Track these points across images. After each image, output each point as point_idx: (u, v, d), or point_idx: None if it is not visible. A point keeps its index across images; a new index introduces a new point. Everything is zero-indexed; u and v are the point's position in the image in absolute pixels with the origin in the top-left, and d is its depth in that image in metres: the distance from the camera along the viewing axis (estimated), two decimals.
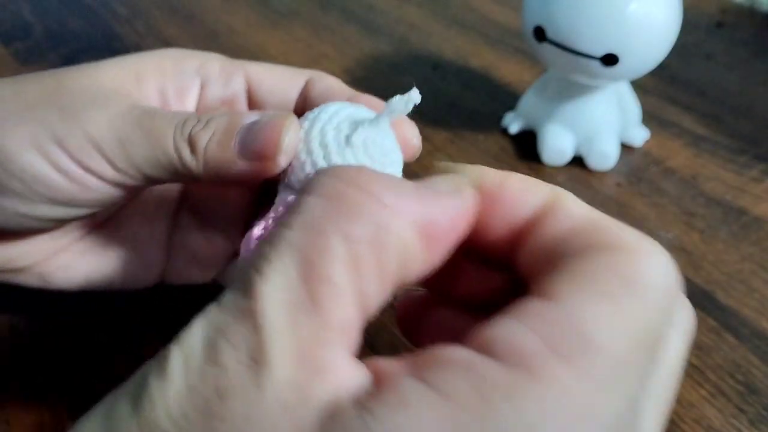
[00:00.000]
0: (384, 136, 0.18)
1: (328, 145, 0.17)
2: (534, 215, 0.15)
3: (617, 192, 0.34)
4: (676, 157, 0.37)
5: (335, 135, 0.17)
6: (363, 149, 0.17)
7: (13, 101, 0.20)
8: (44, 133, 0.19)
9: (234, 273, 0.22)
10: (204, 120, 0.19)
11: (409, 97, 0.17)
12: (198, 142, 0.19)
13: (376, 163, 0.17)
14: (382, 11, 0.55)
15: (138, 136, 0.19)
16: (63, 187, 0.20)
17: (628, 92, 0.37)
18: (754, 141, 0.39)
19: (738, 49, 0.50)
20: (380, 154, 0.18)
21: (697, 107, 0.42)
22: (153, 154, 0.19)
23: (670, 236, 0.31)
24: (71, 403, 0.24)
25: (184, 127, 0.19)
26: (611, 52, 0.30)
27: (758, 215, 0.33)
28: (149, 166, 0.20)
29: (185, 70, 0.23)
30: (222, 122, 0.19)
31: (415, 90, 0.17)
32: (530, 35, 0.33)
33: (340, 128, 0.17)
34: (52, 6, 0.54)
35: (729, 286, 0.29)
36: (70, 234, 0.23)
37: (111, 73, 0.21)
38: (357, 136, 0.17)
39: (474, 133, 0.39)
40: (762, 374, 0.25)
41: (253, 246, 0.17)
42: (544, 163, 0.36)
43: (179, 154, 0.19)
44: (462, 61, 0.47)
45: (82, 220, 0.22)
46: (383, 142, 0.18)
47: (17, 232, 0.22)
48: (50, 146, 0.19)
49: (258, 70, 0.23)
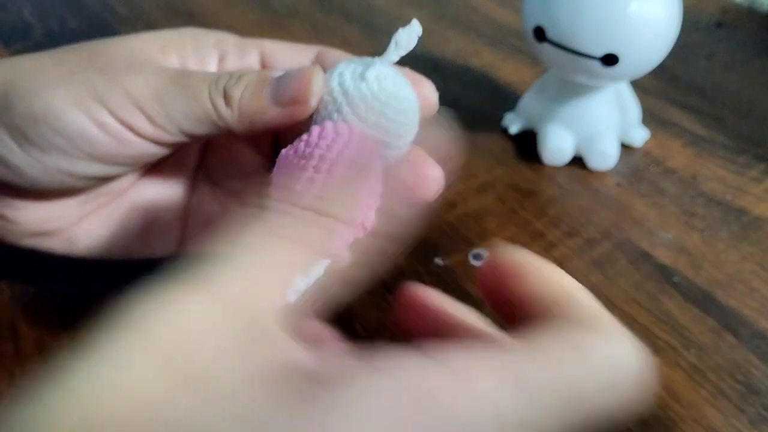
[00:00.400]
0: (395, 72, 0.19)
1: (345, 83, 0.19)
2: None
3: (617, 192, 0.35)
4: (676, 157, 0.37)
5: (351, 74, 0.19)
6: (377, 82, 0.19)
7: (54, 68, 0.22)
8: (86, 92, 0.21)
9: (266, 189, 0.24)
10: (236, 76, 0.21)
11: (412, 29, 0.19)
12: (233, 95, 0.21)
13: (390, 96, 0.19)
14: (382, 11, 0.55)
15: (175, 93, 0.21)
16: (104, 143, 0.21)
17: (628, 92, 0.37)
18: (754, 141, 0.39)
19: (738, 50, 0.50)
20: (392, 87, 0.19)
21: (697, 107, 0.42)
22: (190, 108, 0.21)
23: (670, 236, 0.32)
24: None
25: (218, 82, 0.21)
26: (611, 53, 0.30)
27: (758, 215, 0.33)
28: (186, 121, 0.21)
29: (204, 44, 0.24)
30: (253, 77, 0.21)
31: (415, 22, 0.19)
32: (530, 35, 0.33)
33: (355, 70, 0.19)
34: (52, 7, 0.54)
35: (729, 286, 0.29)
36: (97, 200, 0.24)
37: (139, 44, 0.23)
38: (370, 72, 0.19)
39: (474, 133, 0.39)
40: (762, 374, 0.25)
41: (283, 163, 0.18)
42: (545, 162, 0.36)
43: (215, 107, 0.21)
44: (462, 61, 0.47)
45: (108, 186, 0.24)
46: (395, 77, 0.19)
47: (53, 193, 0.23)
48: (93, 104, 0.21)
49: (271, 46, 0.25)
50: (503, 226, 0.32)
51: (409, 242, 0.23)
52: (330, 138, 0.18)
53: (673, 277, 0.29)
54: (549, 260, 0.31)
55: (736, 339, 0.26)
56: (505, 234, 0.31)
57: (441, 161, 0.22)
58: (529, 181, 0.35)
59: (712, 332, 0.27)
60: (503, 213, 0.33)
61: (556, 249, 0.31)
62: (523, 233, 0.32)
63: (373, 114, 0.19)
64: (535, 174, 0.36)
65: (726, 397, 0.24)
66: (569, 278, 0.17)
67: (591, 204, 0.34)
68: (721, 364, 0.25)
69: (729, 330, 0.27)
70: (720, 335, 0.27)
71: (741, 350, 0.26)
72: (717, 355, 0.26)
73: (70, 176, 0.22)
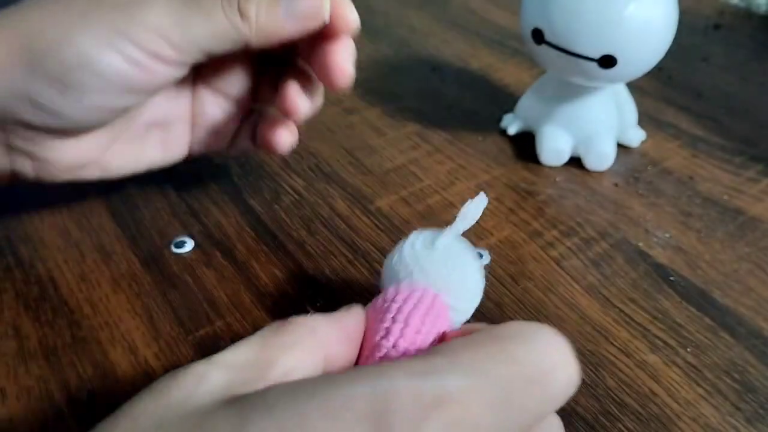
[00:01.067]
0: (462, 243, 0.22)
1: (416, 250, 0.22)
2: None
3: (614, 192, 0.35)
4: (673, 157, 0.38)
5: (422, 243, 0.22)
6: (444, 251, 0.22)
7: (68, 14, 0.23)
8: (113, 32, 0.22)
9: None
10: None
11: (479, 202, 0.22)
12: (248, 12, 0.23)
13: (455, 264, 0.21)
14: (383, 14, 0.55)
15: (192, 16, 0.23)
16: (137, 76, 0.23)
17: (625, 93, 0.37)
18: (750, 142, 0.39)
19: (735, 51, 0.50)
20: (458, 257, 0.22)
21: (694, 108, 0.43)
22: (208, 28, 0.23)
23: (667, 236, 0.32)
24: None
25: (232, 1, 0.23)
26: (609, 54, 0.31)
27: (755, 215, 0.33)
28: (207, 40, 0.23)
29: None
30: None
31: (482, 195, 0.22)
32: (528, 37, 0.33)
33: (426, 238, 0.22)
34: None
35: (726, 286, 0.29)
36: (121, 125, 0.27)
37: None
38: (439, 241, 0.22)
39: (473, 134, 0.39)
40: (758, 373, 0.25)
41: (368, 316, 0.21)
42: (543, 163, 0.37)
43: (232, 23, 0.23)
44: (461, 63, 0.48)
45: (130, 111, 0.26)
46: (461, 248, 0.22)
47: (88, 128, 0.25)
48: (121, 42, 0.22)
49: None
50: (501, 226, 0.32)
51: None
52: (403, 296, 0.20)
53: (670, 277, 0.29)
54: (547, 259, 0.31)
55: (733, 338, 0.27)
56: (503, 234, 0.32)
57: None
58: (527, 182, 0.35)
59: (708, 331, 0.27)
60: (502, 213, 0.33)
61: (554, 248, 0.31)
62: (521, 233, 0.32)
63: (441, 279, 0.21)
64: (534, 174, 0.36)
65: (723, 395, 0.24)
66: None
67: (588, 204, 0.34)
68: (717, 362, 0.26)
69: (726, 329, 0.27)
70: (717, 334, 0.27)
71: (738, 349, 0.26)
72: (714, 353, 0.26)
73: (109, 112, 0.24)
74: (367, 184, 0.35)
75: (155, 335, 0.26)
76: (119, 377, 0.25)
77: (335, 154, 0.37)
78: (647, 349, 0.26)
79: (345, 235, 0.32)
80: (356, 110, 0.41)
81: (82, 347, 0.26)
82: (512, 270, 0.30)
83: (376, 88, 0.44)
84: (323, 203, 0.34)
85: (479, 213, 0.22)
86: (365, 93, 0.43)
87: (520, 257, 0.30)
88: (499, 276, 0.29)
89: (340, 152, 0.37)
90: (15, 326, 0.27)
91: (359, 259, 0.30)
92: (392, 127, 0.40)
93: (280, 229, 0.32)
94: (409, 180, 0.35)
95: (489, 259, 0.30)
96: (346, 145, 0.38)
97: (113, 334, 0.26)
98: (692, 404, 0.24)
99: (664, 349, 0.26)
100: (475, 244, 0.31)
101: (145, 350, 0.26)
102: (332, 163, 0.37)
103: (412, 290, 0.21)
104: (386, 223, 0.32)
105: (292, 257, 0.30)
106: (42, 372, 0.25)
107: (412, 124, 0.40)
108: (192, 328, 0.27)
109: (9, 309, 0.27)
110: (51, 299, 0.28)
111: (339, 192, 0.34)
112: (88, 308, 0.27)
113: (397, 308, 0.20)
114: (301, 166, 0.36)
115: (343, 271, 0.29)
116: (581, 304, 0.28)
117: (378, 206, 0.33)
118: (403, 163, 0.37)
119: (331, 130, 0.39)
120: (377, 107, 0.42)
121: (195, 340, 0.26)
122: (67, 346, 0.26)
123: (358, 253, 0.30)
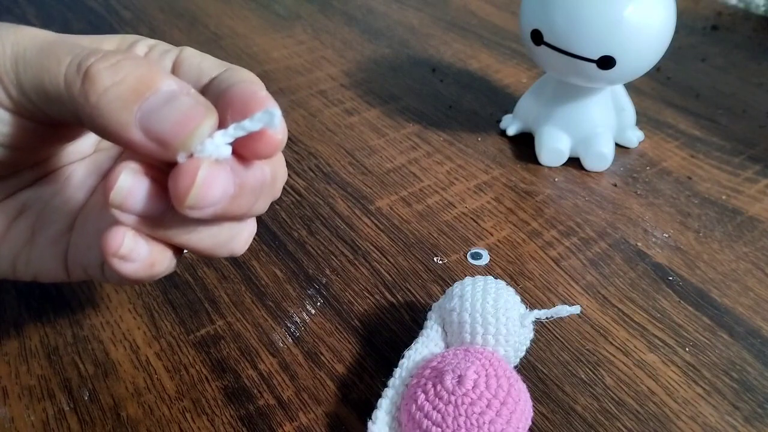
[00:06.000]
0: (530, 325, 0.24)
1: (499, 325, 0.23)
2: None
3: (613, 192, 0.35)
4: (672, 158, 0.38)
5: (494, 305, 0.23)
6: (529, 329, 0.24)
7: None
8: None
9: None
10: (115, 58, 0.16)
11: (573, 309, 0.23)
12: (97, 81, 0.16)
13: (509, 321, 0.23)
14: (382, 15, 0.55)
15: (32, 57, 0.17)
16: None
17: (623, 94, 0.38)
18: (748, 142, 0.39)
19: (733, 52, 0.50)
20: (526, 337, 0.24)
21: (693, 109, 0.43)
22: (40, 77, 0.17)
23: (665, 236, 0.32)
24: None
25: (86, 59, 0.17)
26: (607, 55, 0.31)
27: (752, 215, 0.33)
28: (35, 92, 0.17)
29: (133, 42, 0.21)
30: (136, 75, 0.16)
31: (577, 307, 0.23)
32: (527, 38, 0.33)
33: (508, 310, 0.23)
34: (56, 10, 0.55)
35: (724, 285, 0.29)
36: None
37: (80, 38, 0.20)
38: (525, 320, 0.23)
39: (472, 135, 0.39)
40: (756, 372, 0.25)
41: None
42: (542, 163, 0.37)
43: (67, 82, 0.17)
44: (460, 63, 0.48)
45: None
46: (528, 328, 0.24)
47: None
48: None
49: (190, 52, 0.21)
50: (501, 226, 0.32)
51: (409, 242, 0.23)
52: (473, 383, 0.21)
53: (668, 276, 0.30)
54: (546, 259, 0.31)
55: (731, 337, 0.27)
56: (502, 234, 0.32)
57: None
58: (526, 182, 0.36)
59: (707, 330, 0.27)
60: (501, 213, 0.33)
61: (553, 248, 0.31)
62: (520, 233, 0.32)
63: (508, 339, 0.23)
64: (532, 175, 0.36)
65: (721, 395, 0.24)
66: None
67: (587, 204, 0.34)
68: (716, 361, 0.26)
69: (724, 328, 0.27)
70: (715, 333, 0.27)
71: (735, 348, 0.26)
72: (712, 352, 0.26)
73: None
74: (367, 184, 0.35)
75: (156, 334, 0.26)
76: (121, 376, 0.25)
77: (335, 154, 0.38)
78: (646, 349, 0.26)
79: (345, 235, 0.32)
80: (356, 111, 0.42)
81: (83, 346, 0.26)
82: (511, 270, 0.30)
83: (375, 88, 0.44)
84: (323, 203, 0.34)
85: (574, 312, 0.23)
86: (365, 94, 0.43)
87: (519, 257, 0.31)
88: (499, 276, 0.29)
89: (340, 152, 0.38)
90: (17, 325, 0.27)
91: (359, 259, 0.30)
92: (392, 127, 0.40)
93: (281, 229, 0.32)
94: (409, 180, 0.35)
95: (488, 259, 0.30)
96: (346, 146, 0.38)
97: (114, 334, 0.26)
98: (690, 403, 0.24)
99: (662, 348, 0.26)
100: (474, 244, 0.31)
101: (146, 349, 0.26)
102: (332, 163, 0.37)
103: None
104: (386, 223, 0.32)
105: (293, 257, 0.30)
106: (43, 371, 0.25)
107: (412, 125, 0.40)
108: (193, 327, 0.27)
109: (10, 308, 0.27)
110: (52, 298, 0.28)
111: (339, 192, 0.35)
112: (89, 307, 0.27)
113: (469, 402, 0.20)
114: (301, 167, 0.36)
115: (343, 271, 0.30)
116: (580, 303, 0.28)
117: (378, 206, 0.34)
118: (403, 164, 0.37)
119: (331, 131, 0.40)
120: (377, 108, 0.42)
121: (196, 339, 0.26)
122: (68, 345, 0.26)
123: (358, 253, 0.31)
